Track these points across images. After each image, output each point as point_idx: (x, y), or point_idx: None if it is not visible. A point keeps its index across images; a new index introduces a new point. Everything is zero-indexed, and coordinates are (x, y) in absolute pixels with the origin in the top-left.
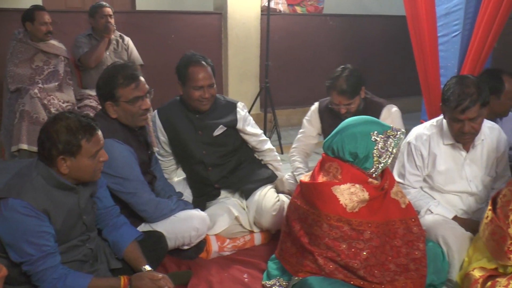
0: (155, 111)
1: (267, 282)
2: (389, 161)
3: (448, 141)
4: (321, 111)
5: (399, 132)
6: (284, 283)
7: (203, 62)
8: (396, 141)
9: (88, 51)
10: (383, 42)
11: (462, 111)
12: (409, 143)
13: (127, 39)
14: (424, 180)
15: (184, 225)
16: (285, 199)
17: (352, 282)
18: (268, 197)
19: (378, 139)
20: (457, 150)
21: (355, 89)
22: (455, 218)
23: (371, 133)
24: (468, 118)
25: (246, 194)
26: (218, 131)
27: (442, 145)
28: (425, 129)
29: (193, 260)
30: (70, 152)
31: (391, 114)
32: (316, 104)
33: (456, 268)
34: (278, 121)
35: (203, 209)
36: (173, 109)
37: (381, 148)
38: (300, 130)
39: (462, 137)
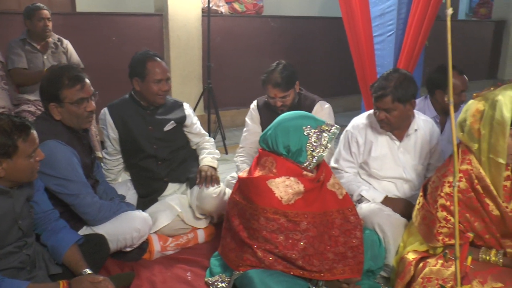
0: (105, 108)
1: (209, 279)
2: (324, 154)
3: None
4: (260, 108)
5: (333, 127)
6: (227, 279)
7: (158, 58)
8: (330, 136)
9: (22, 72)
10: (324, 43)
11: (375, 99)
12: (346, 131)
13: (66, 42)
14: (362, 167)
15: (125, 226)
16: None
17: (292, 273)
18: None
19: (311, 133)
20: (392, 139)
21: (289, 82)
22: (386, 199)
23: (304, 127)
24: (380, 108)
25: (191, 183)
26: (168, 127)
27: (378, 133)
28: (362, 118)
29: (137, 261)
30: (7, 154)
31: (323, 110)
32: (254, 102)
33: (392, 253)
34: (222, 122)
35: (145, 209)
36: (124, 105)
37: (314, 142)
38: (244, 129)
39: (379, 124)
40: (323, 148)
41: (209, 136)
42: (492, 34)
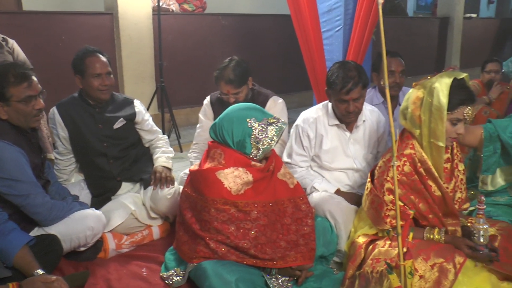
0: (54, 107)
1: (164, 273)
2: (270, 147)
3: (333, 122)
4: (213, 104)
5: (280, 121)
6: (181, 272)
7: (98, 53)
8: (277, 129)
9: None
10: (276, 40)
11: (347, 92)
12: (297, 126)
13: (12, 42)
14: (314, 160)
15: (78, 225)
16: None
17: (245, 262)
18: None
19: (255, 125)
20: (342, 131)
21: (242, 79)
22: (338, 192)
23: (248, 119)
24: (352, 99)
25: (145, 184)
26: (118, 124)
27: (328, 126)
28: (312, 112)
29: (92, 261)
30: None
31: (276, 105)
32: (208, 98)
33: (344, 239)
34: (176, 120)
35: (98, 208)
36: (72, 104)
37: (258, 134)
38: (198, 125)
39: (348, 116)
40: (269, 140)
41: (164, 135)
42: (438, 30)
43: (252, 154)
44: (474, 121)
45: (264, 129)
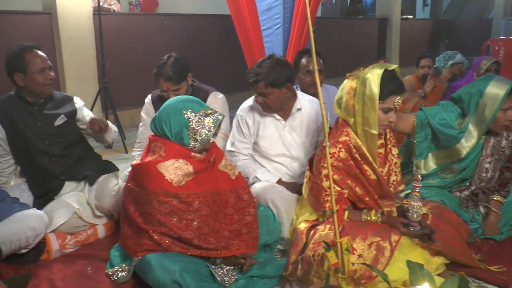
0: None
1: (109, 270)
2: (208, 138)
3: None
4: (154, 101)
5: (217, 112)
6: (127, 268)
7: (36, 48)
8: (214, 120)
9: None
10: (219, 40)
11: (250, 85)
12: (237, 115)
13: None
14: (254, 149)
15: (19, 226)
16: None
17: (189, 253)
18: (108, 181)
19: (191, 116)
20: (277, 119)
21: (181, 75)
22: (280, 181)
23: (185, 111)
24: (257, 92)
25: (90, 180)
26: (59, 121)
27: (264, 114)
28: (249, 101)
29: (34, 263)
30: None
31: (217, 100)
32: (149, 96)
33: (286, 226)
34: (121, 122)
35: (41, 209)
36: (9, 103)
37: (195, 125)
38: (141, 124)
39: (261, 106)
40: (206, 131)
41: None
42: (377, 30)
43: (191, 145)
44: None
45: (201, 120)
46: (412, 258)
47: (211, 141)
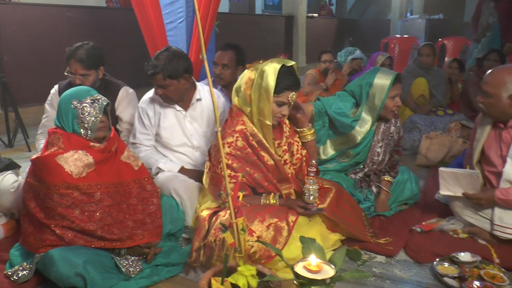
0: None
1: (9, 270)
2: (96, 125)
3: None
4: (61, 92)
5: (102, 98)
6: (28, 266)
7: None
8: (100, 106)
9: None
10: (127, 34)
11: (149, 77)
12: (138, 107)
13: None
14: (157, 140)
15: None
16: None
17: (93, 246)
18: (7, 177)
19: (78, 105)
20: (178, 110)
21: (93, 62)
22: (182, 170)
23: (72, 101)
24: (156, 84)
25: None
26: None
27: (165, 105)
28: (151, 93)
29: None
30: None
31: (128, 95)
32: (56, 87)
33: (190, 215)
34: (24, 119)
35: None
36: None
37: (81, 113)
38: (44, 116)
39: (161, 98)
40: (93, 118)
41: (9, 136)
42: (284, 28)
43: (83, 134)
44: None
45: (86, 108)
46: (310, 236)
47: (111, 131)
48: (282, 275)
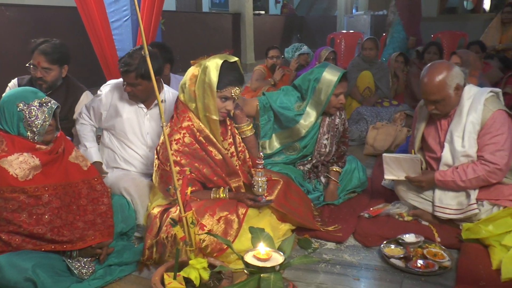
0: None
1: None
2: (44, 128)
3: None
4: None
5: (52, 101)
6: None
7: None
8: (49, 109)
9: None
10: (73, 33)
11: (121, 74)
12: (100, 89)
13: None
14: (111, 133)
15: None
16: None
17: (43, 249)
18: None
19: (24, 108)
20: (139, 107)
21: (59, 58)
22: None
23: (17, 103)
24: (127, 82)
25: None
26: None
27: (123, 98)
28: (118, 80)
29: None
30: None
31: (88, 98)
32: (14, 81)
33: (141, 213)
34: None
35: None
36: None
37: (29, 117)
38: None
39: (128, 95)
40: (41, 122)
41: None
42: (231, 25)
43: (30, 138)
44: None
45: (34, 111)
46: (260, 227)
47: (58, 132)
48: (235, 267)
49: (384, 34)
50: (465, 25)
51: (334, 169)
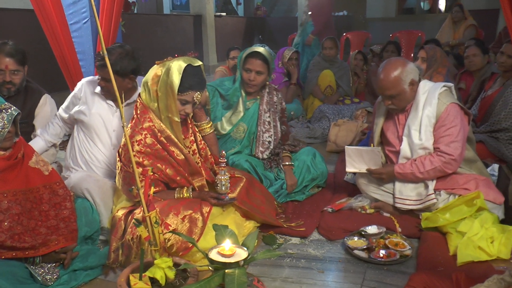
0: None
1: None
2: (3, 134)
3: (98, 89)
4: None
5: (12, 108)
6: None
7: None
8: (8, 115)
9: None
10: (32, 36)
11: (97, 68)
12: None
13: None
14: (80, 129)
15: None
16: None
17: (3, 257)
18: None
19: None
20: (110, 104)
21: (23, 59)
22: None
23: None
24: (102, 76)
25: None
26: None
27: (95, 93)
28: (92, 78)
29: None
30: None
31: (47, 103)
32: None
33: (105, 216)
34: None
35: None
36: None
37: None
38: None
39: (101, 90)
40: (1, 128)
41: None
42: (193, 27)
43: None
44: None
45: None
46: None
47: (16, 138)
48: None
49: (344, 34)
50: (422, 24)
51: (284, 154)
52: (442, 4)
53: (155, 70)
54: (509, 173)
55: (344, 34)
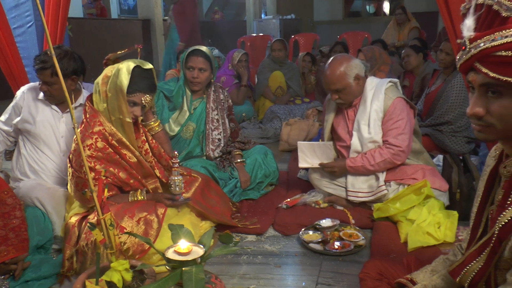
0: None
1: None
2: None
3: (41, 96)
4: None
5: None
6: None
7: None
8: None
9: None
10: None
11: (36, 71)
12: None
13: None
14: (26, 137)
15: None
16: None
17: None
18: None
19: None
20: (55, 110)
21: None
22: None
23: None
24: (42, 80)
25: None
26: None
27: (38, 99)
28: (33, 84)
29: None
30: None
31: None
32: None
33: (58, 224)
34: None
35: None
36: None
37: None
38: None
39: (44, 95)
40: None
41: None
42: (141, 32)
43: None
44: None
45: None
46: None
47: None
48: (158, 268)
49: (293, 36)
50: (368, 26)
51: (235, 152)
52: (386, 8)
53: (106, 71)
54: (452, 163)
55: (293, 36)
